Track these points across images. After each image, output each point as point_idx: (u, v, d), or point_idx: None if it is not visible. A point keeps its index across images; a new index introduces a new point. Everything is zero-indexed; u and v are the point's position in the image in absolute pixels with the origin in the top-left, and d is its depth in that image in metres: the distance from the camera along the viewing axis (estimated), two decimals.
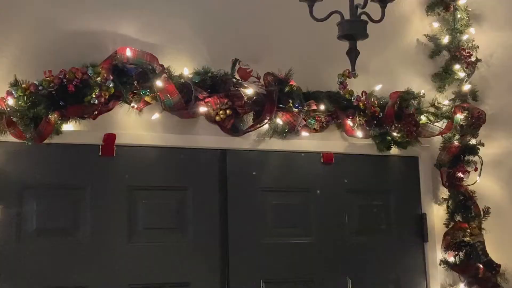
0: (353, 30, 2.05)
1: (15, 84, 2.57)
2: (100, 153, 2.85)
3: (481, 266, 3.37)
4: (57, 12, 2.85)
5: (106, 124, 2.85)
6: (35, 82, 2.59)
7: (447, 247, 3.46)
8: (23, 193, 2.70)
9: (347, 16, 2.11)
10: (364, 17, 2.11)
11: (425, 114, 3.47)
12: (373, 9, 2.13)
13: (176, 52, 3.06)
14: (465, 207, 3.49)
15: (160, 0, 3.08)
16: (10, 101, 2.56)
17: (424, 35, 3.70)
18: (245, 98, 3.01)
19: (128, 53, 2.83)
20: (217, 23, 3.19)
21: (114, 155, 2.87)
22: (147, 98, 2.84)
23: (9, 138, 2.61)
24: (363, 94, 3.32)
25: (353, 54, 2.08)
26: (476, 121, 3.49)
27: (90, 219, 2.81)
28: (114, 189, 2.87)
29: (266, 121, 3.08)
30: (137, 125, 2.92)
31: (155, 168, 2.97)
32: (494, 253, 3.44)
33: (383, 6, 2.12)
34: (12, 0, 2.77)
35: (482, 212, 3.49)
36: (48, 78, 2.59)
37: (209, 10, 3.18)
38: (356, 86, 3.29)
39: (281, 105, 3.09)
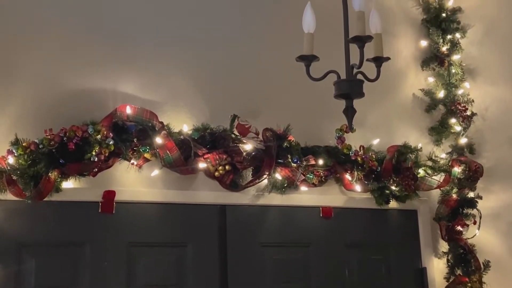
0: (350, 90, 2.09)
1: (16, 142, 2.59)
2: (99, 210, 2.85)
3: None
4: (58, 70, 2.89)
5: (106, 181, 2.86)
6: (36, 140, 2.61)
7: None
8: (22, 251, 2.68)
9: (343, 75, 2.16)
10: (360, 76, 2.15)
11: (423, 168, 3.49)
12: (369, 68, 2.18)
13: (176, 109, 3.11)
14: (465, 260, 3.48)
15: (159, 57, 3.14)
16: (11, 160, 2.58)
17: (420, 89, 3.76)
18: (244, 153, 3.04)
19: (128, 110, 2.86)
20: (216, 80, 3.24)
21: (114, 212, 2.87)
22: (146, 155, 2.86)
23: (9, 196, 2.61)
24: (361, 148, 3.35)
25: (350, 112, 2.12)
26: (473, 175, 3.52)
27: (90, 276, 2.78)
28: (113, 246, 2.85)
29: (265, 176, 3.10)
30: (136, 181, 2.93)
31: (155, 224, 2.97)
32: None
33: (378, 66, 2.16)
34: (14, 59, 2.81)
35: (482, 266, 3.47)
36: (49, 137, 2.61)
37: (208, 67, 3.23)
38: (354, 141, 3.32)
39: (280, 160, 3.11)
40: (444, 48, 3.76)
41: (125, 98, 2.98)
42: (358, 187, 3.32)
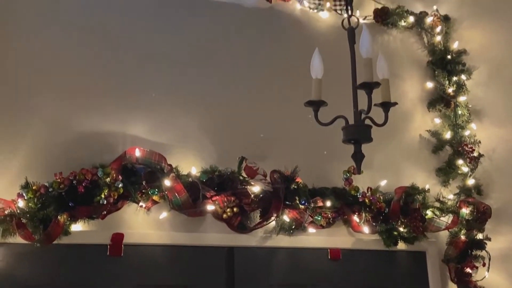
0: (358, 135, 2.11)
1: (26, 186, 2.62)
2: (108, 253, 2.84)
3: None
4: (68, 114, 2.94)
5: (115, 224, 2.87)
6: (46, 183, 2.63)
7: None
8: None
9: (351, 120, 2.18)
10: (367, 121, 2.17)
11: (431, 209, 3.48)
12: (376, 111, 2.20)
13: (184, 151, 3.13)
14: None
15: (168, 100, 3.18)
16: (21, 203, 2.59)
17: (427, 130, 3.77)
18: (252, 195, 3.05)
19: (137, 153, 2.89)
20: (224, 122, 3.27)
21: (122, 254, 2.87)
22: (155, 197, 2.87)
23: (18, 239, 2.62)
24: (369, 190, 3.35)
25: (358, 157, 2.13)
26: (482, 216, 3.50)
27: None
28: None
29: (273, 218, 3.10)
30: (145, 224, 2.94)
31: (163, 266, 2.96)
32: None
33: (386, 111, 2.18)
34: (25, 102, 2.86)
35: None
36: (59, 180, 2.63)
37: (216, 109, 3.27)
38: (362, 182, 3.33)
39: (287, 202, 3.11)
40: (450, 90, 3.79)
41: (135, 140, 3.02)
42: (366, 229, 3.31)
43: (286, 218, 3.13)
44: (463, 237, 3.50)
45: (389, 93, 2.16)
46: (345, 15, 2.37)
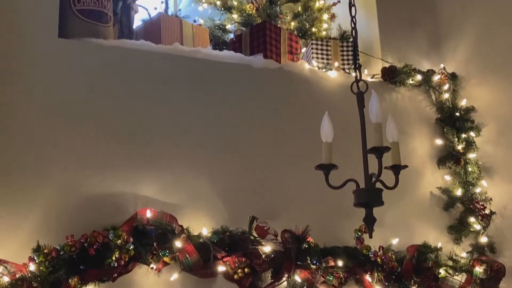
0: (369, 199, 2.11)
1: (38, 249, 2.61)
2: None
3: None
4: (79, 176, 2.95)
5: (125, 286, 2.84)
6: (57, 247, 2.63)
7: None
8: None
9: (361, 183, 2.19)
10: (378, 184, 2.18)
11: (444, 268, 3.44)
12: (386, 172, 2.21)
13: (195, 211, 3.13)
14: None
15: (178, 161, 3.19)
16: (32, 267, 2.59)
17: (437, 187, 3.77)
18: (263, 256, 3.02)
19: (148, 214, 2.90)
20: (234, 182, 3.28)
21: None
22: (166, 259, 2.86)
23: None
24: (380, 249, 3.32)
25: (370, 221, 2.13)
26: (495, 275, 3.45)
27: None
28: None
29: (284, 278, 3.07)
30: (156, 285, 2.91)
31: None
32: None
33: (396, 173, 2.19)
34: (36, 166, 2.87)
35: None
36: (70, 243, 2.63)
37: (226, 169, 3.28)
38: (373, 241, 3.29)
39: (299, 262, 3.09)
40: (459, 147, 3.80)
41: (146, 201, 3.02)
42: None
43: (297, 278, 3.10)
44: None
45: (399, 156, 2.18)
46: (353, 74, 2.42)
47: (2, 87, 2.90)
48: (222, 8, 4.34)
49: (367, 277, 3.25)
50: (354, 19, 2.38)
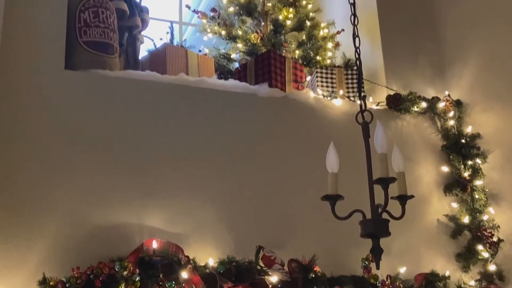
0: (376, 230, 2.11)
1: (44, 281, 2.61)
2: None
3: None
4: (84, 207, 2.95)
5: None
6: (63, 279, 2.62)
7: None
8: None
9: (368, 213, 2.18)
10: (385, 215, 2.17)
11: None
12: (393, 202, 2.20)
13: (201, 241, 3.12)
14: None
15: (183, 190, 3.19)
16: None
17: (444, 215, 3.76)
18: (270, 286, 3.00)
19: (154, 245, 2.89)
20: (240, 211, 3.27)
21: None
22: None
23: None
24: (388, 278, 3.29)
25: (377, 252, 2.12)
26: None
27: None
28: None
29: None
30: None
31: None
32: None
33: (402, 204, 2.18)
34: (41, 198, 2.88)
35: None
36: (76, 275, 2.62)
37: (232, 197, 3.28)
38: (381, 269, 3.21)
39: None
40: (465, 174, 3.79)
41: (151, 231, 3.02)
42: None
43: None
44: None
45: (405, 187, 2.17)
46: (358, 102, 2.43)
47: (9, 118, 2.92)
48: (227, 38, 4.37)
49: None
50: (358, 49, 2.39)
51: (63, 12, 3.20)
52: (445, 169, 3.88)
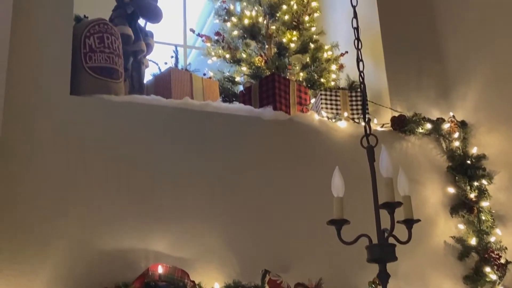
0: (382, 255, 2.09)
1: None
2: None
3: None
4: (89, 232, 2.94)
5: None
6: None
7: None
8: None
9: (374, 238, 2.17)
10: (391, 239, 2.16)
11: None
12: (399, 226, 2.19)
13: (207, 266, 3.11)
14: None
15: (188, 214, 3.18)
16: None
17: (451, 237, 3.73)
18: None
19: (160, 270, 2.88)
20: (245, 235, 3.26)
21: None
22: None
23: None
24: None
25: (384, 276, 2.10)
26: None
27: None
28: None
29: None
30: None
31: None
32: None
33: (409, 228, 2.17)
34: (47, 223, 2.87)
35: None
36: None
37: (236, 221, 3.27)
38: None
39: None
40: (472, 195, 3.78)
41: (157, 256, 3.01)
42: None
43: None
44: None
45: (411, 210, 2.16)
46: (363, 124, 2.43)
47: (14, 144, 2.93)
48: (231, 61, 4.40)
49: None
50: (362, 74, 2.40)
51: (69, 38, 3.22)
52: (451, 190, 3.86)
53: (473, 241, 3.67)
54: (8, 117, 2.92)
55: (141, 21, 3.82)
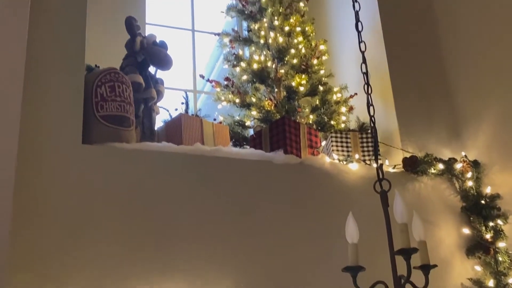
0: None
1: None
2: None
3: None
4: (103, 280, 2.91)
5: None
6: None
7: None
8: None
9: (390, 285, 2.14)
10: (408, 286, 2.12)
11: None
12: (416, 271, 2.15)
13: None
14: None
15: (200, 261, 3.13)
16: None
17: (468, 279, 3.68)
18: None
19: None
20: (258, 281, 3.22)
21: None
22: None
23: None
24: None
25: None
26: None
27: None
28: None
29: None
30: None
31: None
32: None
33: (426, 273, 2.14)
34: (61, 271, 2.85)
35: None
36: None
37: (250, 268, 3.23)
38: None
39: None
40: (487, 236, 3.73)
41: None
42: None
43: None
44: None
45: (427, 256, 2.14)
46: (374, 165, 2.42)
47: (27, 193, 2.94)
48: (241, 105, 4.42)
49: None
50: (373, 118, 2.40)
51: (80, 88, 3.26)
52: (466, 231, 3.81)
53: (490, 283, 3.61)
54: (21, 165, 2.93)
55: (152, 69, 3.86)
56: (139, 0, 4.87)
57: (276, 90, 4.50)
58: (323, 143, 4.12)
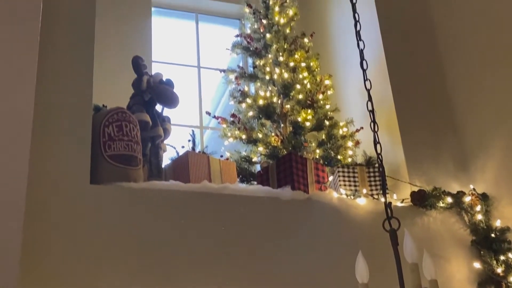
0: None
1: None
2: None
3: None
4: None
5: None
6: None
7: None
8: None
9: None
10: None
11: None
12: None
13: None
14: None
15: None
16: None
17: None
18: None
19: None
20: None
21: None
22: None
23: None
24: None
25: None
26: None
27: None
28: None
29: None
30: None
31: None
32: None
33: None
34: None
35: None
36: None
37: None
38: None
39: None
40: (499, 270, 3.69)
41: None
42: None
43: None
44: None
45: None
46: (382, 199, 2.40)
47: (36, 234, 2.93)
48: (248, 141, 4.43)
49: None
50: (380, 156, 2.40)
51: (88, 128, 3.28)
52: (476, 265, 3.77)
53: None
54: (30, 206, 2.93)
55: (159, 107, 3.88)
56: (146, 38, 4.93)
57: (282, 125, 4.52)
58: (330, 178, 4.11)
